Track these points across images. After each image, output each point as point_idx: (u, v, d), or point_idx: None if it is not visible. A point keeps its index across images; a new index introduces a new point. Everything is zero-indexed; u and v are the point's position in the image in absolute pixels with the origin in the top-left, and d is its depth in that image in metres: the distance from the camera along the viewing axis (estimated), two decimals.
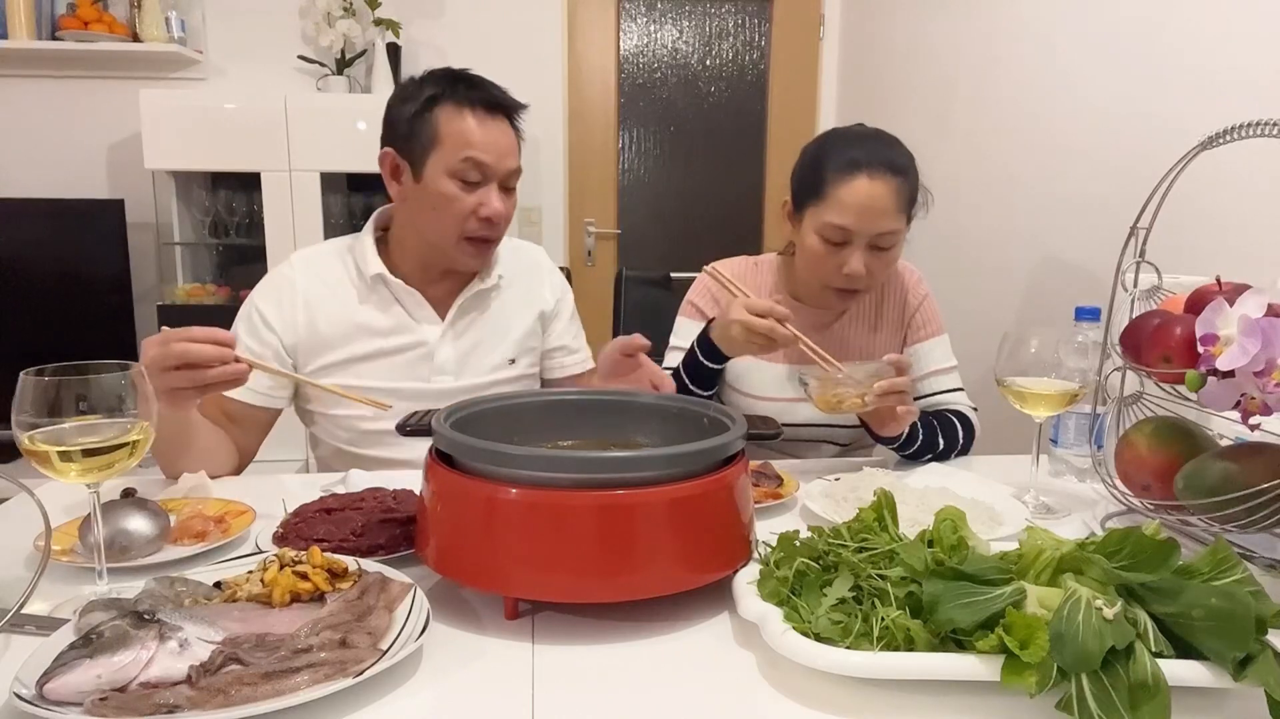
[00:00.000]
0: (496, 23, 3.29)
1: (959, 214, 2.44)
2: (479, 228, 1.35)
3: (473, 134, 1.32)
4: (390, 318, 1.41)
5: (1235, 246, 1.53)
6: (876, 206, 1.31)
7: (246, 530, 1.02)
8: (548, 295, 1.56)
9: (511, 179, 1.38)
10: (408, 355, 1.42)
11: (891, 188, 1.31)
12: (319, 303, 1.40)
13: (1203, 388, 0.88)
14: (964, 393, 1.50)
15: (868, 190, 1.30)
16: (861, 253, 1.33)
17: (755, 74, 3.55)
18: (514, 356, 1.49)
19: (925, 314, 1.50)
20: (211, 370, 1.06)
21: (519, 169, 1.39)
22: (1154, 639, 0.67)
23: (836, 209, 1.32)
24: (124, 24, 3.02)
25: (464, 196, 1.33)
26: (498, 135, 1.35)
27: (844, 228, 1.32)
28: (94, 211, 2.99)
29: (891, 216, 1.32)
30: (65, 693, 0.63)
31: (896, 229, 1.33)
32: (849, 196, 1.31)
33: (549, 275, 1.59)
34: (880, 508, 0.84)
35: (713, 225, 3.60)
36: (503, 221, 1.38)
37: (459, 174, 1.32)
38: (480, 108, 1.34)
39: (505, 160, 1.35)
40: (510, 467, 0.79)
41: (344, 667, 0.68)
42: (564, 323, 1.58)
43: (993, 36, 2.36)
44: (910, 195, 1.35)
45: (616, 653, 0.77)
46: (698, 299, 1.54)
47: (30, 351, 2.89)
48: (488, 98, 1.35)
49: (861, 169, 1.31)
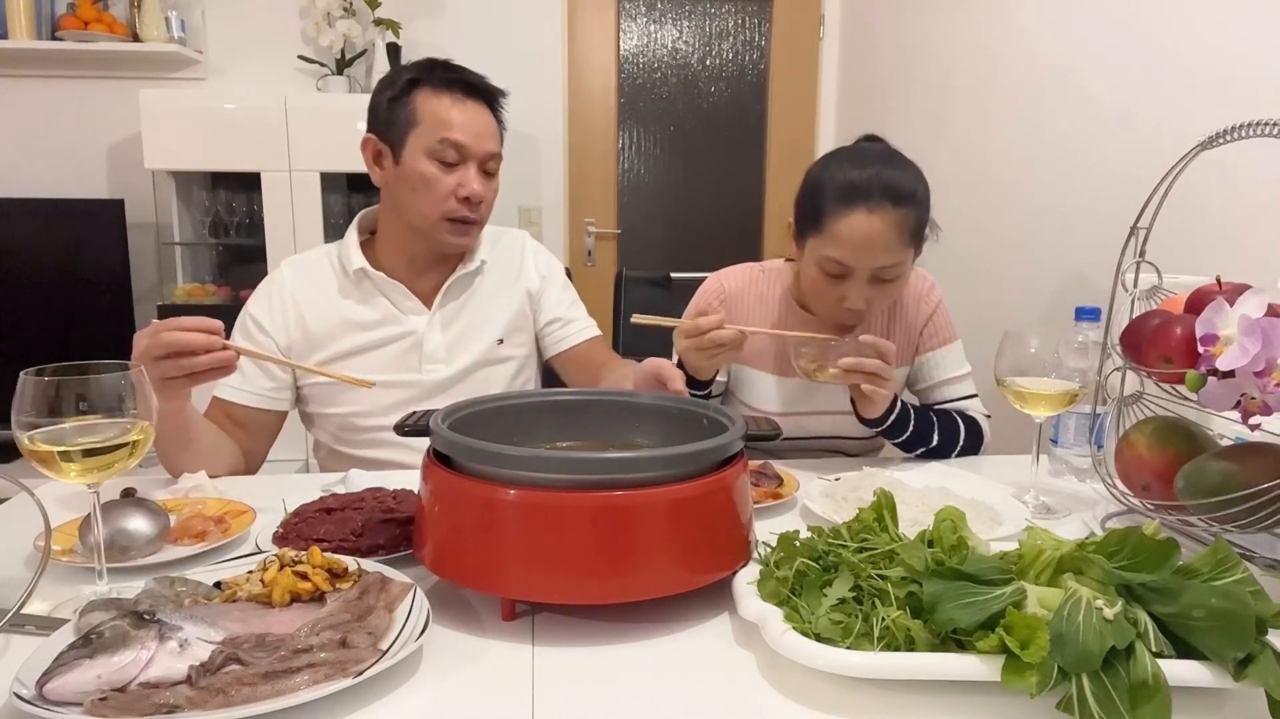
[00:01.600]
0: (496, 23, 3.29)
1: (958, 214, 2.44)
2: (459, 208, 1.36)
3: (450, 115, 1.34)
4: (377, 311, 1.43)
5: (1235, 246, 1.53)
6: (877, 243, 1.25)
7: (246, 530, 1.02)
8: (532, 273, 1.55)
9: (490, 162, 1.39)
10: (396, 347, 1.43)
11: (892, 221, 1.24)
12: (308, 303, 1.42)
13: (1203, 388, 0.88)
14: (978, 399, 1.49)
15: (866, 225, 1.24)
16: (862, 285, 1.29)
17: (755, 74, 3.55)
18: (501, 336, 1.49)
19: (938, 322, 1.48)
20: (201, 357, 1.07)
21: (498, 154, 1.40)
22: (1154, 639, 0.67)
23: (834, 243, 1.26)
24: (124, 24, 3.02)
25: (443, 177, 1.35)
26: (475, 117, 1.36)
27: (842, 263, 1.27)
28: (94, 211, 2.99)
29: (894, 250, 1.26)
30: (65, 693, 0.63)
31: (898, 262, 1.28)
32: (846, 232, 1.25)
33: (533, 255, 1.58)
34: (880, 508, 0.84)
35: (713, 225, 3.60)
36: (484, 204, 1.39)
37: (437, 154, 1.34)
38: (458, 90, 1.36)
39: (483, 142, 1.36)
40: (508, 467, 0.79)
41: (344, 667, 0.68)
42: (555, 295, 1.57)
43: (993, 36, 2.36)
44: (917, 223, 1.27)
45: (616, 654, 0.77)
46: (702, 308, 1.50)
47: (30, 352, 2.89)
48: (465, 81, 1.37)
49: (860, 202, 1.24)
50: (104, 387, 0.80)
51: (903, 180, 1.27)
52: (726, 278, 1.50)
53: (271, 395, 1.41)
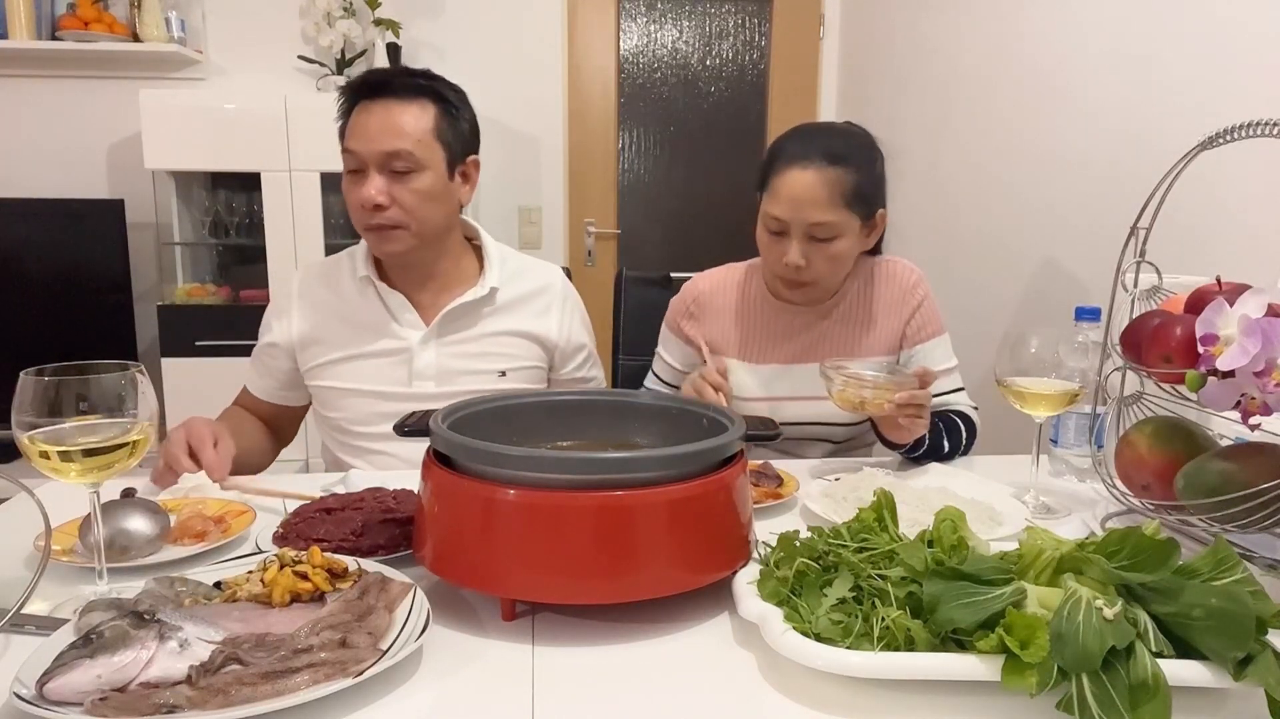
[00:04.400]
0: (496, 23, 3.29)
1: (959, 214, 2.44)
2: (370, 216, 1.32)
3: (352, 127, 1.32)
4: (376, 319, 1.42)
5: (1235, 246, 1.53)
6: (805, 197, 1.31)
7: (246, 530, 1.02)
8: (553, 327, 1.48)
9: (393, 161, 1.29)
10: (389, 359, 1.42)
11: (825, 178, 1.30)
12: (316, 304, 1.44)
13: (1203, 388, 0.88)
14: (965, 392, 1.50)
15: (800, 180, 1.31)
16: (800, 244, 1.34)
17: (755, 74, 3.55)
18: (505, 369, 1.45)
19: (924, 316, 1.48)
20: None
21: (399, 150, 1.28)
22: (1154, 639, 0.67)
23: (773, 200, 1.34)
24: (124, 24, 3.02)
25: (353, 189, 1.32)
26: (371, 120, 1.30)
27: (779, 218, 1.34)
28: (94, 211, 2.98)
29: (822, 207, 1.31)
30: (65, 693, 0.63)
31: (830, 221, 1.31)
32: (784, 188, 1.32)
33: (559, 307, 1.49)
34: (880, 508, 0.84)
35: (713, 225, 3.60)
36: (396, 208, 1.30)
37: (347, 166, 1.34)
38: (364, 98, 1.32)
39: (374, 144, 1.28)
40: (508, 467, 0.79)
41: (344, 667, 0.68)
42: (576, 363, 1.53)
43: (993, 36, 2.36)
44: (854, 187, 1.32)
45: (616, 654, 0.77)
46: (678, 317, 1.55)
47: (30, 351, 2.90)
48: (369, 82, 1.33)
49: (798, 161, 1.31)
50: (104, 386, 0.80)
51: (841, 144, 1.34)
52: (701, 279, 1.56)
53: (279, 393, 1.49)
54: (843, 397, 1.22)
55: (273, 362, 1.46)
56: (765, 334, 1.49)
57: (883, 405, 1.20)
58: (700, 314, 1.52)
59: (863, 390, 1.21)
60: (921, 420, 1.24)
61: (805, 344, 1.48)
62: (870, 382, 1.21)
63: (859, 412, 1.24)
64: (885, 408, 1.20)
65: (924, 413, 1.23)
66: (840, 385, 1.22)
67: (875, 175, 1.37)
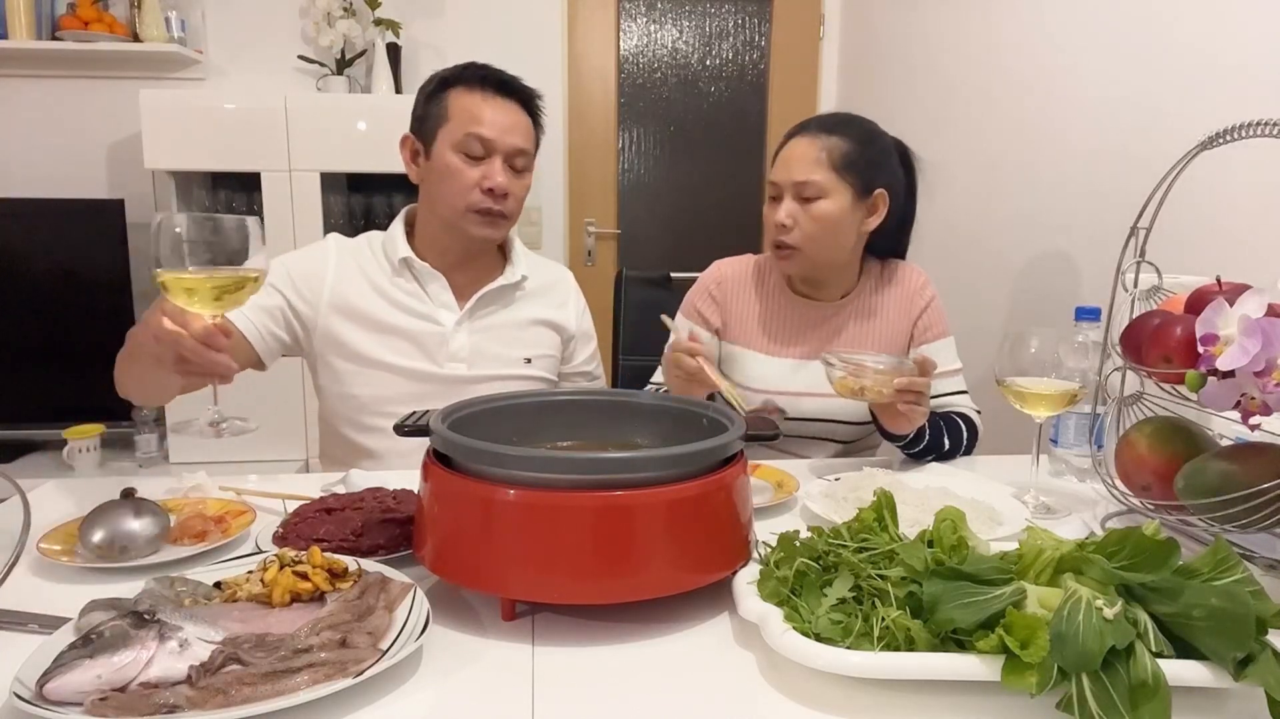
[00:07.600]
0: (496, 23, 3.29)
1: (959, 213, 2.44)
2: (483, 199, 1.39)
3: (479, 111, 1.38)
4: (412, 298, 1.45)
5: (1235, 247, 1.53)
6: (794, 157, 1.41)
7: (246, 530, 1.02)
8: (571, 317, 1.58)
9: (518, 159, 1.41)
10: (423, 338, 1.44)
11: (819, 144, 1.39)
12: (349, 275, 1.44)
13: (1203, 388, 0.88)
14: (968, 395, 1.51)
15: (794, 146, 1.42)
16: (789, 204, 1.41)
17: (755, 74, 3.55)
18: (530, 357, 1.51)
19: (931, 316, 1.52)
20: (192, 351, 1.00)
21: (526, 150, 1.42)
22: (1154, 639, 0.67)
23: (773, 169, 1.46)
24: (124, 24, 3.01)
25: (467, 169, 1.38)
26: (504, 114, 1.39)
27: (774, 182, 1.44)
28: (94, 211, 2.98)
29: (809, 166, 1.39)
30: (65, 693, 0.63)
31: (815, 180, 1.38)
32: (782, 156, 1.44)
33: (574, 299, 1.61)
34: (880, 508, 0.84)
35: (713, 225, 3.60)
36: (510, 198, 1.41)
37: (463, 148, 1.37)
38: (490, 88, 1.40)
39: (508, 137, 1.38)
40: (508, 467, 0.79)
41: (344, 667, 0.68)
42: (586, 353, 1.63)
43: (993, 36, 2.36)
44: (845, 155, 1.39)
45: (616, 654, 0.77)
46: (697, 299, 1.58)
47: (30, 351, 2.91)
48: (497, 79, 1.41)
49: (796, 133, 1.44)
50: (225, 231, 0.95)
51: (839, 119, 1.44)
52: (725, 265, 1.60)
53: (265, 338, 1.38)
54: (843, 383, 1.23)
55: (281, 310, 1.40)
56: (781, 326, 1.52)
57: (881, 392, 1.21)
58: (722, 297, 1.56)
59: (862, 377, 1.22)
60: (920, 409, 1.24)
61: (819, 341, 1.50)
62: (870, 369, 1.22)
63: (858, 398, 1.24)
64: (884, 395, 1.21)
65: (923, 400, 1.24)
66: (841, 372, 1.23)
67: (872, 153, 1.42)
